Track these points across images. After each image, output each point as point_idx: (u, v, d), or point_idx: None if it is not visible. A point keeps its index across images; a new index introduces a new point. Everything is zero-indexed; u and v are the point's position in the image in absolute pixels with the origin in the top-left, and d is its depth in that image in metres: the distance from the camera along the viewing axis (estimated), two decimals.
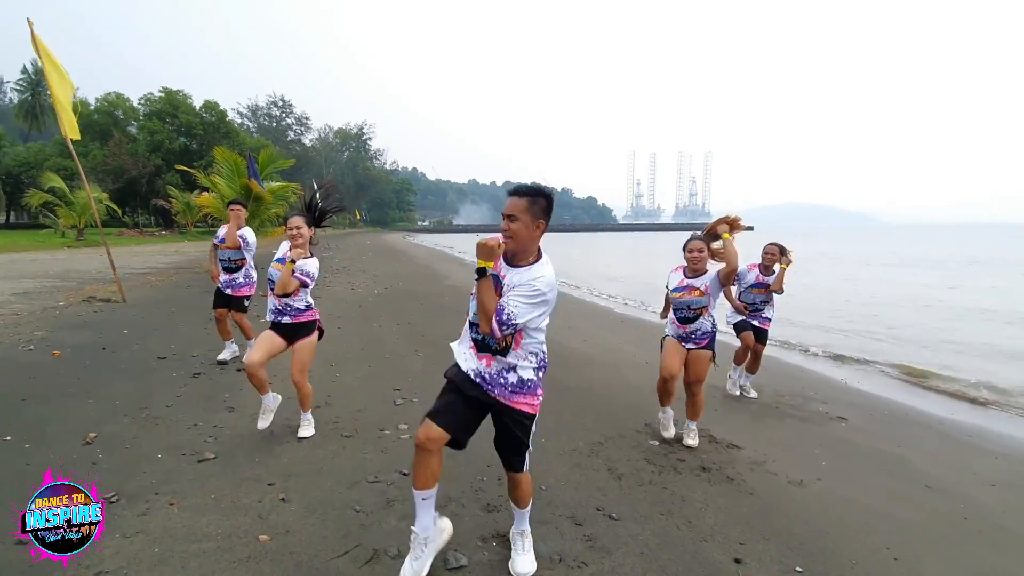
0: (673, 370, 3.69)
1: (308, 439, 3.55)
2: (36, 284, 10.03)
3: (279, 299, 3.46)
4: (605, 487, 3.13)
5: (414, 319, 8.27)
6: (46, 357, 5.08)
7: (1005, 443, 4.53)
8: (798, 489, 3.29)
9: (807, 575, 2.40)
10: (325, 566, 2.25)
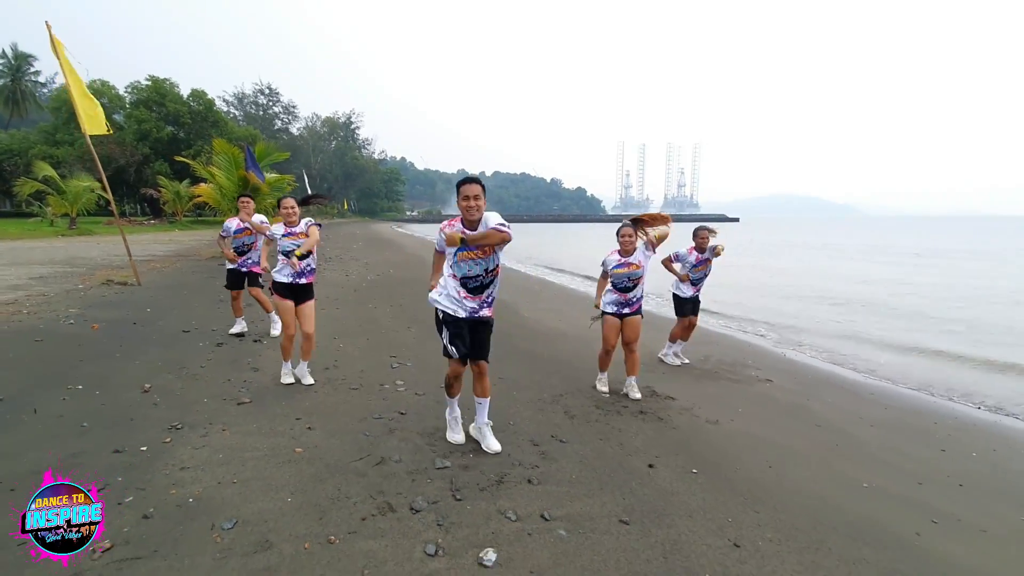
0: (613, 342, 4.68)
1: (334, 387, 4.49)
2: (48, 270, 10.66)
3: (300, 262, 4.33)
4: (560, 423, 3.99)
5: (405, 302, 9.06)
6: (86, 330, 5.83)
7: (897, 399, 5.48)
8: (712, 426, 4.18)
9: (700, 475, 3.28)
10: (347, 466, 3.08)
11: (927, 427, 4.66)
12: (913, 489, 3.38)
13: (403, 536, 2.44)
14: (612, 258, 4.66)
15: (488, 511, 2.69)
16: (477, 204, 3.01)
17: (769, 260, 24.54)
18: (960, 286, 15.37)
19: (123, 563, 2.16)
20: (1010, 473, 3.79)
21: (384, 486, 2.87)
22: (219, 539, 2.35)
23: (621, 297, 4.66)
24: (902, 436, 4.35)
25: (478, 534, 2.49)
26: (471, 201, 3.01)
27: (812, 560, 2.49)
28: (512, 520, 2.62)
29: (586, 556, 2.38)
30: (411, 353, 5.69)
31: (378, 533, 2.45)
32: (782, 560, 2.47)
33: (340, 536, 2.41)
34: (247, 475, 2.92)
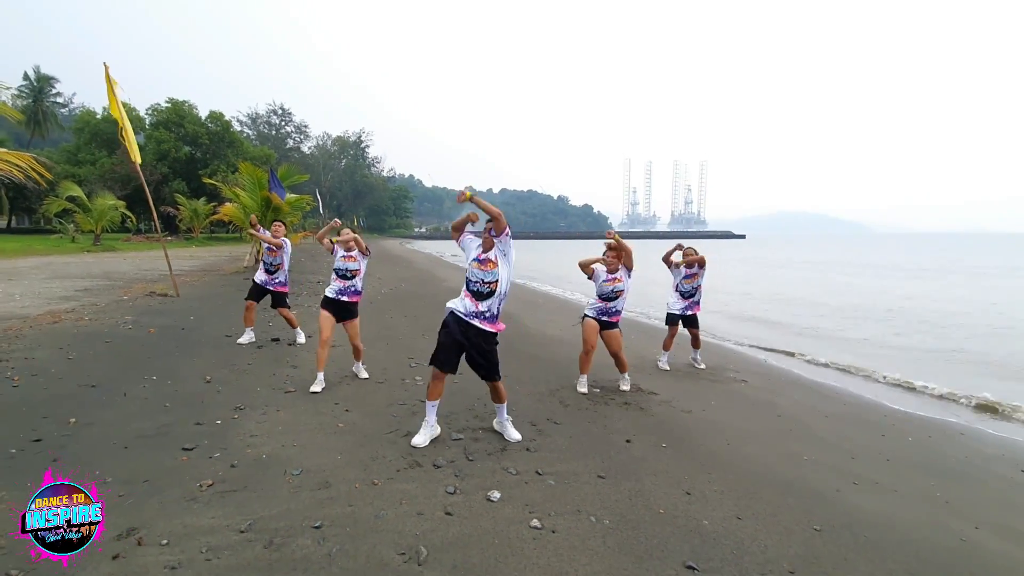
0: (592, 343, 5.35)
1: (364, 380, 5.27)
2: (90, 283, 11.58)
3: (346, 281, 5.11)
4: (555, 410, 4.73)
5: (418, 313, 9.86)
6: (143, 333, 6.67)
7: (858, 398, 6.17)
8: (685, 414, 4.90)
9: (668, 449, 4.01)
10: (381, 436, 3.85)
11: (876, 419, 5.35)
12: (845, 462, 4.08)
13: (429, 481, 3.19)
14: (601, 270, 5.42)
15: (494, 468, 3.44)
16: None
17: (770, 274, 25.22)
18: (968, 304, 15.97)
19: (225, 493, 2.93)
20: (936, 453, 4.48)
21: (412, 451, 3.63)
22: (290, 480, 3.11)
23: (604, 305, 5.40)
24: (850, 425, 5.05)
25: (486, 482, 3.23)
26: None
27: (746, 504, 3.21)
28: (513, 474, 3.36)
29: (569, 496, 3.12)
30: (425, 356, 6.37)
31: (410, 479, 3.21)
32: (721, 503, 3.19)
33: (381, 480, 3.17)
34: (303, 441, 3.69)
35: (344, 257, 5.15)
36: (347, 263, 5.16)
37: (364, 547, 2.52)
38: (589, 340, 5.37)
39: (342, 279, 5.16)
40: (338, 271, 5.15)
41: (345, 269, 5.15)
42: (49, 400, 4.27)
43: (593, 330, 5.39)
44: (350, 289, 5.19)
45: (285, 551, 2.46)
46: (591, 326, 5.41)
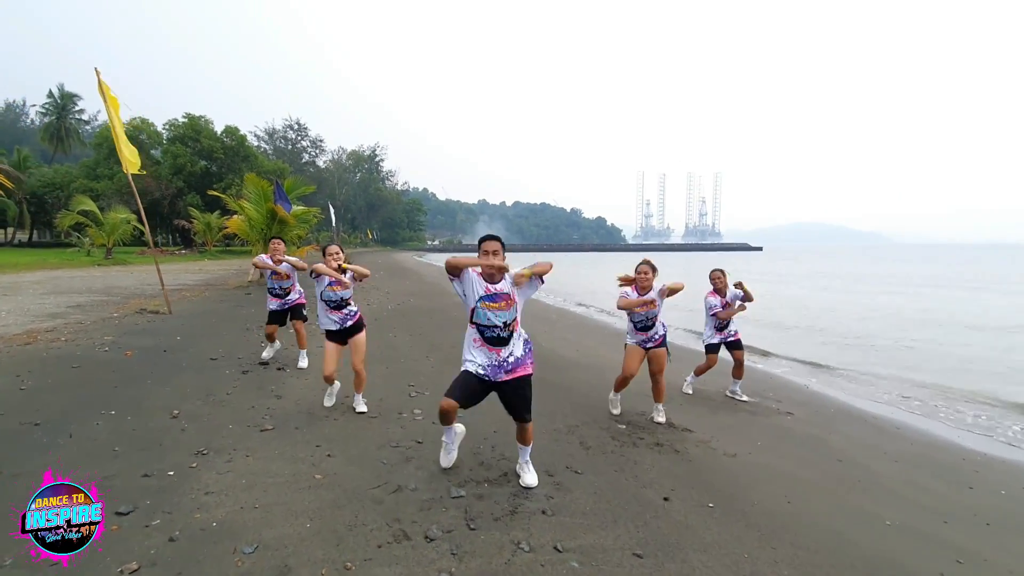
0: (633, 371, 4.73)
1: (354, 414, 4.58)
2: (86, 299, 11.13)
3: (340, 311, 4.51)
4: (575, 454, 4.01)
5: (425, 330, 9.20)
6: (119, 356, 6.08)
7: (923, 434, 5.34)
8: (729, 459, 4.15)
9: (715, 509, 3.26)
10: (365, 493, 3.16)
11: (954, 463, 4.54)
12: (937, 527, 3.30)
13: (417, 564, 2.49)
14: (632, 295, 4.72)
15: (501, 541, 2.72)
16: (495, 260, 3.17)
17: (794, 290, 24.22)
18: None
19: None
20: None
21: (400, 513, 2.93)
22: (240, 563, 2.43)
23: (642, 336, 4.77)
24: (927, 472, 4.25)
25: (491, 564, 2.52)
26: (489, 256, 3.15)
27: None
28: (525, 551, 2.65)
29: None
30: (429, 382, 5.78)
31: (393, 560, 2.51)
32: None
33: (356, 563, 2.47)
34: (269, 500, 3.01)
35: (333, 286, 4.51)
36: (340, 292, 4.53)
37: None
38: (630, 368, 4.76)
39: (336, 309, 4.54)
40: (329, 302, 4.53)
41: (339, 299, 4.53)
42: None
43: (637, 358, 4.76)
44: (349, 314, 4.61)
45: None
46: (635, 353, 4.78)
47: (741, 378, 5.96)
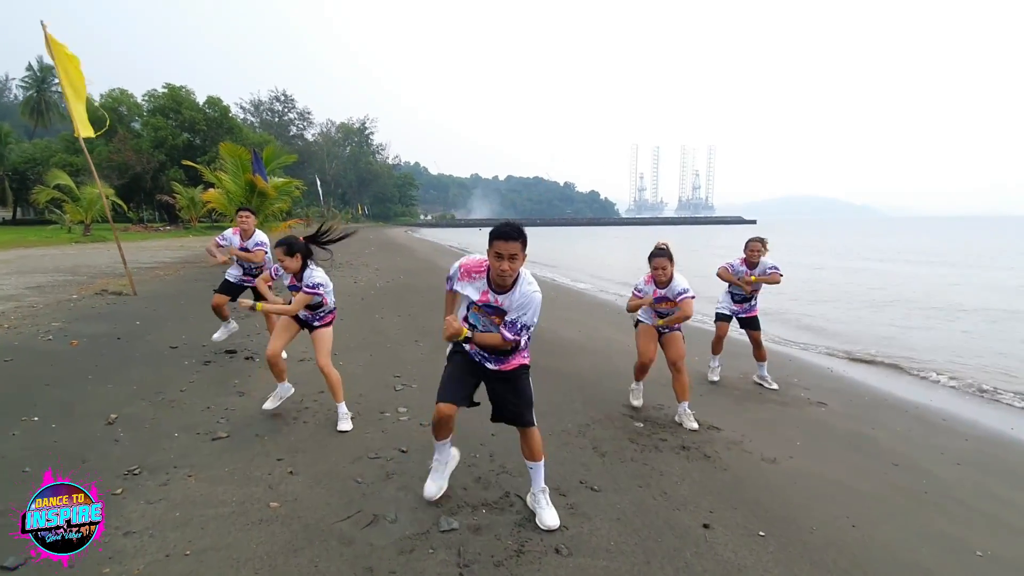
0: (651, 355, 4.09)
1: (312, 419, 3.83)
2: (49, 278, 10.31)
3: (308, 311, 3.72)
4: (589, 463, 3.36)
5: (415, 311, 8.50)
6: (64, 346, 5.35)
7: (976, 426, 4.74)
8: (770, 466, 3.52)
9: (769, 539, 2.63)
10: (330, 528, 2.50)
11: (1020, 464, 3.94)
12: None
13: None
14: (648, 288, 4.05)
15: None
16: (512, 268, 2.35)
17: (796, 261, 23.65)
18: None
19: None
20: None
21: (373, 559, 2.28)
22: None
23: (656, 319, 4.10)
24: (998, 478, 3.64)
25: None
26: (504, 263, 2.34)
27: None
28: None
29: None
30: (417, 372, 5.11)
31: None
32: None
33: None
34: (205, 543, 2.34)
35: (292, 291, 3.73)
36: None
37: None
38: (646, 352, 4.10)
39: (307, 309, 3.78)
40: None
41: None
42: None
43: (652, 338, 4.10)
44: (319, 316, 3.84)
45: None
46: (648, 333, 4.12)
47: (765, 359, 5.36)
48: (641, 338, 4.13)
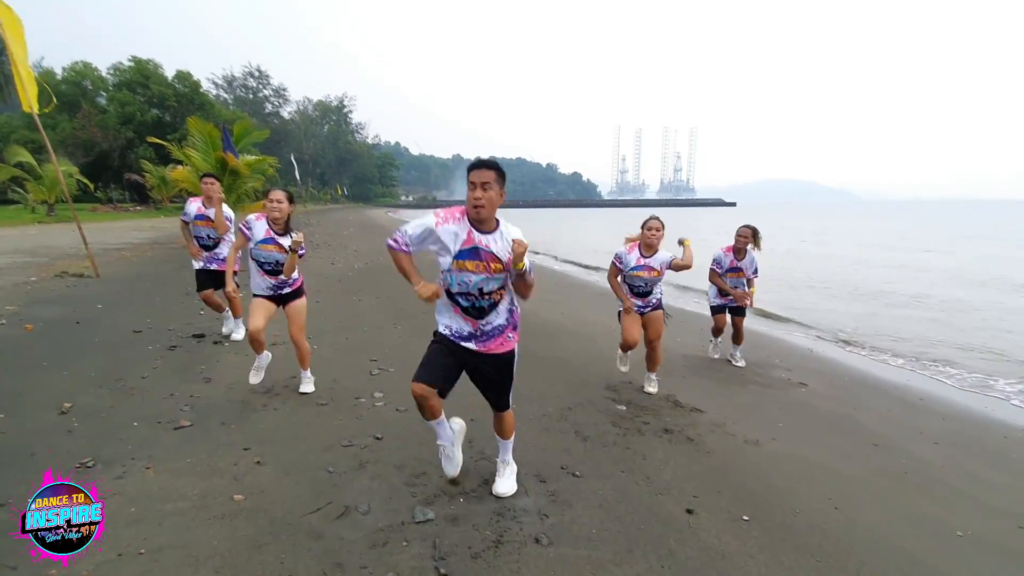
0: (636, 338, 4.08)
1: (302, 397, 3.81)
2: (6, 260, 9.83)
3: (276, 277, 3.66)
4: (571, 448, 3.28)
5: (393, 294, 8.30)
6: (18, 331, 5.06)
7: (952, 406, 4.79)
8: (753, 448, 3.48)
9: (753, 524, 2.58)
10: (298, 522, 2.36)
11: (1000, 446, 3.96)
12: (1015, 537, 2.69)
13: None
14: (631, 256, 4.00)
15: None
16: (486, 196, 2.26)
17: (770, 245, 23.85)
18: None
19: None
20: None
21: (344, 554, 2.15)
22: None
23: (639, 301, 4.09)
24: (974, 456, 3.67)
25: None
26: (477, 191, 2.25)
27: None
28: None
29: None
30: (395, 355, 4.96)
31: None
32: None
33: None
34: (161, 541, 2.18)
35: (267, 244, 3.62)
36: (275, 253, 3.63)
37: None
38: (630, 337, 4.09)
39: (270, 275, 3.66)
40: (262, 264, 3.65)
41: (275, 263, 3.64)
42: None
43: (636, 322, 4.09)
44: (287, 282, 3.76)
45: None
46: (631, 319, 4.10)
47: (741, 344, 5.46)
48: (627, 326, 4.11)
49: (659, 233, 3.95)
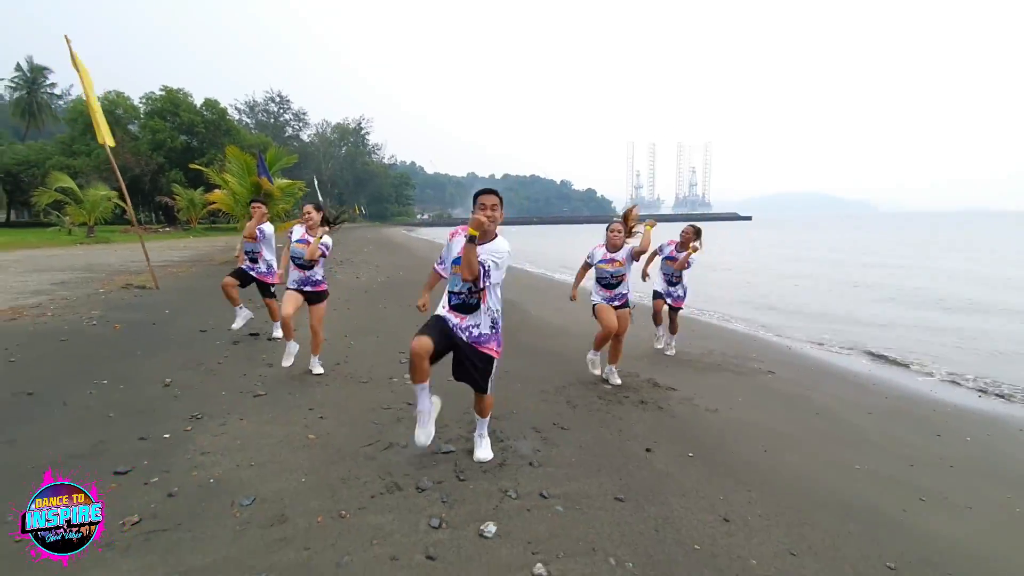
0: (612, 325, 4.73)
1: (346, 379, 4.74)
2: (69, 276, 11.01)
3: (304, 271, 4.62)
4: (562, 412, 4.13)
5: (414, 302, 9.19)
6: (108, 330, 6.09)
7: (898, 389, 5.54)
8: (712, 414, 4.29)
9: (696, 459, 3.40)
10: (357, 451, 3.25)
11: (925, 415, 4.73)
12: (904, 471, 3.47)
13: (409, 511, 2.60)
14: (598, 251, 4.81)
15: (490, 490, 2.84)
16: (493, 216, 2.95)
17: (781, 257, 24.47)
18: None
19: (150, 534, 2.35)
20: (1002, 455, 3.87)
21: (392, 468, 3.04)
22: (238, 514, 2.52)
23: (607, 293, 4.83)
24: (899, 423, 4.43)
25: (480, 510, 2.64)
26: (487, 210, 2.93)
27: (799, 533, 2.61)
28: (513, 498, 2.77)
29: (581, 528, 2.52)
30: None
31: (386, 509, 2.61)
32: (769, 534, 2.59)
33: (351, 511, 2.58)
34: (263, 459, 3.10)
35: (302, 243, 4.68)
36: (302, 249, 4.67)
37: None
38: (609, 324, 4.70)
39: (300, 268, 4.70)
40: (295, 259, 4.71)
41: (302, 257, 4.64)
42: None
43: (610, 313, 4.78)
44: (312, 279, 4.76)
45: None
46: (606, 310, 4.80)
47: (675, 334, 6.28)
48: (603, 314, 4.83)
49: (620, 234, 4.72)
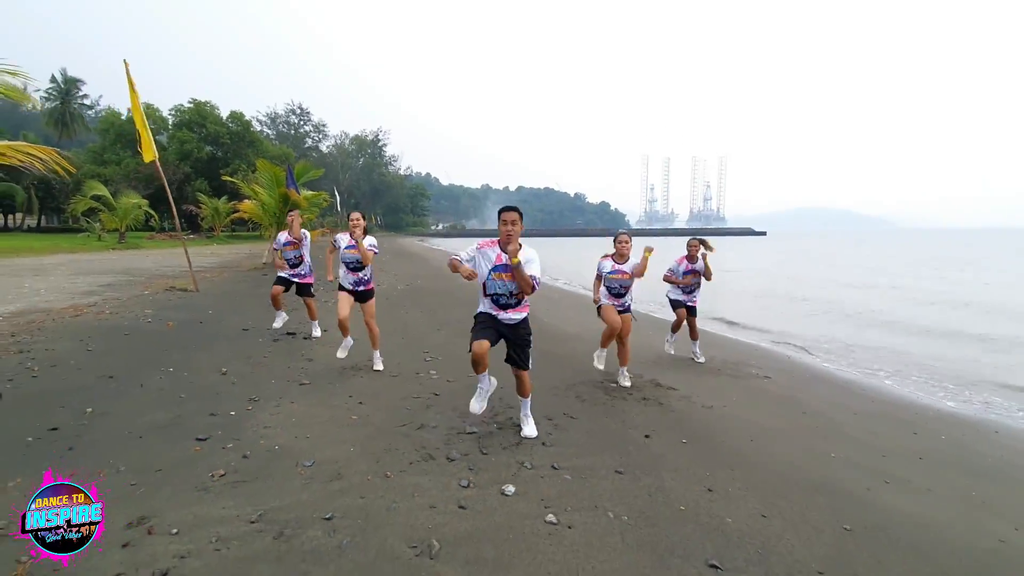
0: (618, 323, 5.20)
1: (378, 372, 5.26)
2: (112, 279, 11.79)
3: (357, 273, 5.18)
4: (572, 404, 4.63)
5: (434, 308, 9.82)
6: (163, 327, 6.73)
7: (888, 395, 5.94)
8: (707, 410, 4.76)
9: (689, 445, 3.88)
10: (394, 430, 3.79)
11: (908, 418, 5.13)
12: (876, 460, 3.91)
13: (442, 474, 3.12)
14: (606, 263, 5.29)
15: (509, 461, 3.35)
16: (514, 229, 3.47)
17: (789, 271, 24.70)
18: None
19: (236, 484, 2.90)
20: (971, 452, 4.28)
21: (425, 443, 3.57)
22: (302, 472, 3.07)
23: (615, 301, 5.30)
24: (881, 423, 4.85)
25: (500, 475, 3.15)
26: (508, 226, 3.47)
27: (771, 502, 3.08)
28: (528, 468, 3.28)
29: (586, 492, 3.02)
30: (441, 350, 6.41)
31: (423, 472, 3.14)
32: (746, 501, 3.06)
33: (394, 473, 3.11)
34: (316, 433, 3.65)
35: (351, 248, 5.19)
36: (356, 255, 5.17)
37: (375, 540, 2.46)
38: (614, 322, 5.15)
39: (352, 271, 5.20)
40: (348, 263, 5.23)
41: (355, 261, 5.18)
42: (67, 391, 4.31)
43: (616, 313, 5.24)
44: (364, 279, 5.30)
45: (295, 542, 2.41)
46: (612, 309, 5.26)
47: (697, 339, 6.68)
48: (608, 314, 5.31)
49: (627, 244, 5.21)
